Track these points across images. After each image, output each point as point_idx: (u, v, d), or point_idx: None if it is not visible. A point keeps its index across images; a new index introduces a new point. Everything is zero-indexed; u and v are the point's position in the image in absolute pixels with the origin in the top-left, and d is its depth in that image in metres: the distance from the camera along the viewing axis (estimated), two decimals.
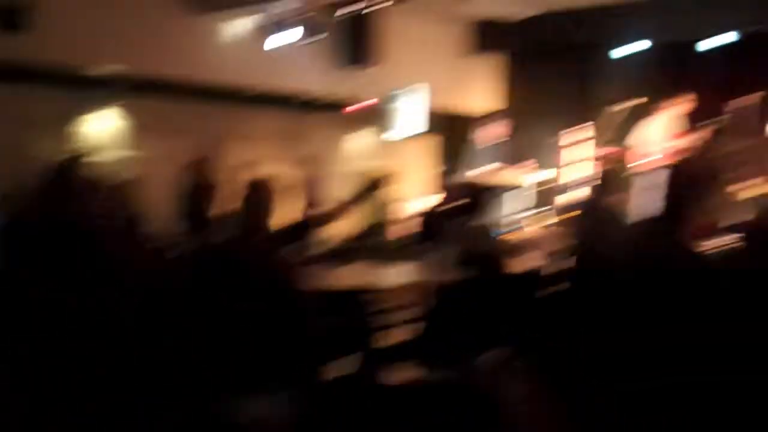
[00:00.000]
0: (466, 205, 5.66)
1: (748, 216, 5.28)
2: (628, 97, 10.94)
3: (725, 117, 9.92)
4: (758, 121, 9.75)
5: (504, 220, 10.41)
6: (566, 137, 10.50)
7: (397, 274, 5.60)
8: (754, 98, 9.53)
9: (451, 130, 12.19)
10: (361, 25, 10.53)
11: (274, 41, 10.29)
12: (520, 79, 12.78)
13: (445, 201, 6.53)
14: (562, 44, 11.91)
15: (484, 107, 12.65)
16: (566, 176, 10.61)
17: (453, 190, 6.34)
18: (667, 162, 9.71)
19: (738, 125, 9.61)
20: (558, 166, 11.09)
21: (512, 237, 8.97)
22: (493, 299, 4.68)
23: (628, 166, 10.26)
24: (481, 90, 12.79)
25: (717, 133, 10.05)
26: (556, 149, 11.26)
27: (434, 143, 12.42)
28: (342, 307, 4.71)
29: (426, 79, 10.82)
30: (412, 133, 10.36)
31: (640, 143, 10.25)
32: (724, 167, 9.16)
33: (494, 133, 10.84)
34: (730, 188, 9.63)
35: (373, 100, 11.50)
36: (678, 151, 10.09)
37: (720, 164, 9.61)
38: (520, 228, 10.30)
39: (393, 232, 9.85)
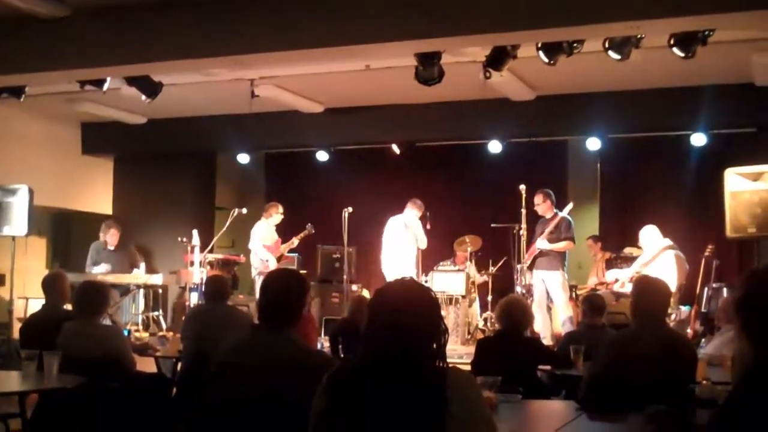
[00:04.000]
0: (88, 304, 5.58)
1: None
2: (241, 203, 11.56)
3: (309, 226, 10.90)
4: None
5: (126, 320, 10.39)
6: (183, 239, 10.75)
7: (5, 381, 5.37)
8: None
9: (61, 230, 11.95)
10: None
11: None
12: (132, 181, 12.92)
13: (61, 300, 6.39)
14: (171, 150, 12.30)
15: (97, 208, 12.60)
16: (184, 279, 10.80)
17: (71, 290, 6.23)
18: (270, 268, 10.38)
19: None
20: (173, 270, 11.30)
21: (139, 337, 8.96)
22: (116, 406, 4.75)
23: (254, 268, 10.75)
24: (93, 190, 12.70)
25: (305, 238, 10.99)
26: (175, 251, 11.46)
27: (44, 242, 12.07)
28: None
29: (33, 178, 10.54)
30: (18, 232, 9.97)
31: (256, 247, 10.81)
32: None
33: (111, 233, 10.87)
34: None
35: None
36: (281, 256, 10.84)
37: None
38: (140, 329, 10.34)
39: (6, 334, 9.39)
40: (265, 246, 10.74)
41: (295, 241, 11.00)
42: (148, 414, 5.04)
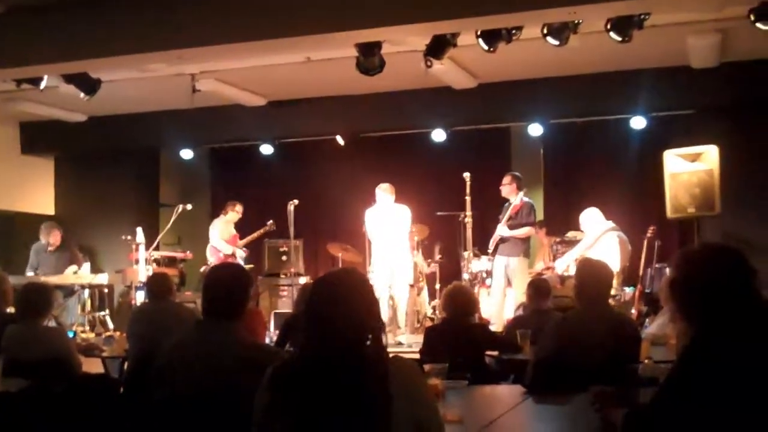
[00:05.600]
0: (31, 306, 5.49)
1: None
2: (186, 198, 11.44)
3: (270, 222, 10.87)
4: None
5: (71, 321, 10.22)
6: (129, 238, 10.58)
7: None
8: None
9: (2, 232, 11.73)
10: None
11: None
12: (74, 180, 12.71)
13: (3, 304, 6.28)
14: (113, 147, 12.11)
15: (39, 208, 12.38)
16: (129, 277, 10.65)
17: (13, 292, 6.12)
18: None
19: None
20: (119, 269, 11.14)
21: (85, 338, 8.81)
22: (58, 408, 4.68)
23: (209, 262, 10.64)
24: (34, 191, 12.47)
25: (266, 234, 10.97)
26: (119, 250, 11.29)
27: None
28: None
29: None
30: None
31: (216, 242, 10.72)
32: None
33: (53, 234, 10.70)
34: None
35: None
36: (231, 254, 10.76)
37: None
38: (86, 329, 10.18)
39: None
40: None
41: (254, 236, 10.98)
42: (96, 415, 4.98)
